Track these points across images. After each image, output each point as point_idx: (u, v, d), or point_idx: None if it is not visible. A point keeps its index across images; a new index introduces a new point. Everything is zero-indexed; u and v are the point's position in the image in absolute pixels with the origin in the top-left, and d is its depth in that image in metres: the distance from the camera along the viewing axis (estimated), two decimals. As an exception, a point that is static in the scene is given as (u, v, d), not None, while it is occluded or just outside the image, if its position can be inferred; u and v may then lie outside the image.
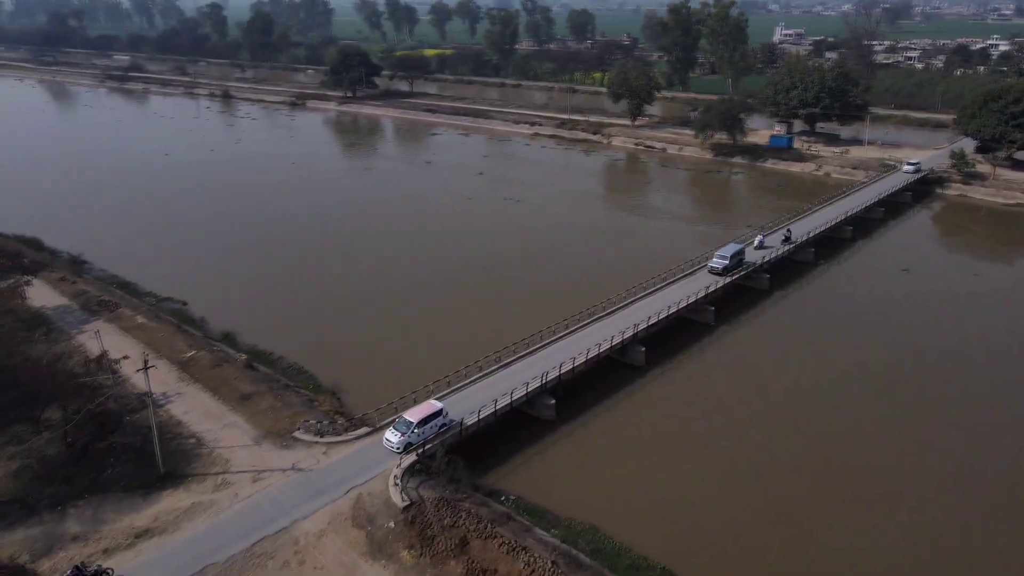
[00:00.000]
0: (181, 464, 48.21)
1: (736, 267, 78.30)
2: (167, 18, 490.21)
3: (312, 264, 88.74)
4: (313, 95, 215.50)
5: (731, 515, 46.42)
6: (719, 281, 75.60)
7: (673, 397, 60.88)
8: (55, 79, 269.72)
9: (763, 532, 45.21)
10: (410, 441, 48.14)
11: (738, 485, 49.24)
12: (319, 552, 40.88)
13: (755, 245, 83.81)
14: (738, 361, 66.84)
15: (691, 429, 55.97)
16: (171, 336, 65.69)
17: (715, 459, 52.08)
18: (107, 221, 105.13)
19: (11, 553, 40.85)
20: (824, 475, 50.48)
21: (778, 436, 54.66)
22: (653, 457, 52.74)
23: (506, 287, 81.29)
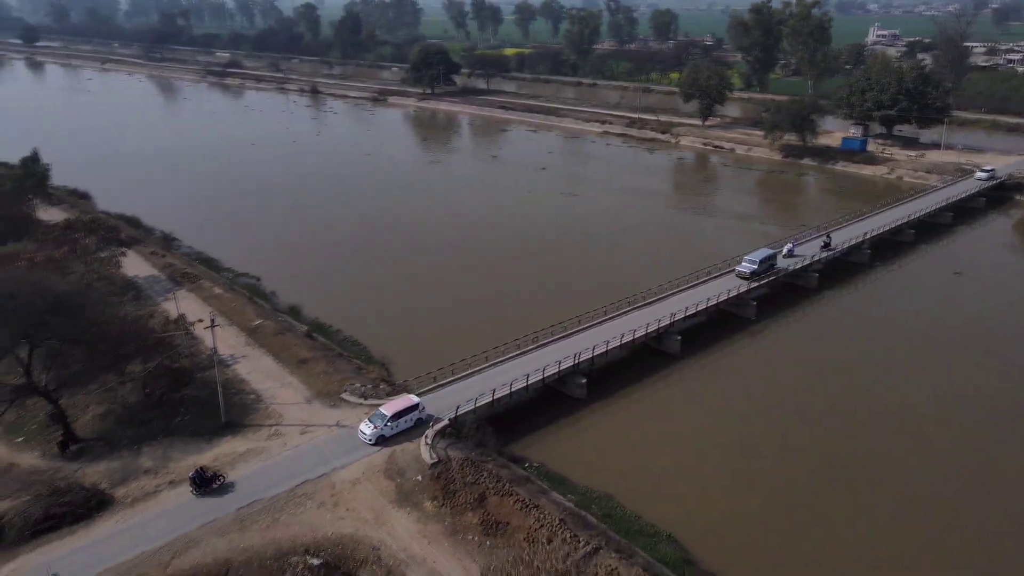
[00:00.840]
0: (241, 415, 53.89)
1: (765, 272, 77.05)
2: (267, 17, 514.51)
3: (374, 247, 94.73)
4: (394, 92, 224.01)
5: (742, 497, 48.27)
6: (744, 284, 75.14)
7: (704, 385, 62.88)
8: (161, 74, 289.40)
9: (769, 513, 47.00)
10: (382, 434, 49.45)
11: (754, 471, 50.95)
12: (352, 497, 45.42)
13: (783, 253, 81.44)
14: (773, 356, 68.04)
15: (716, 416, 57.77)
16: (242, 306, 72.24)
17: (736, 445, 53.76)
18: (197, 203, 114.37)
19: (94, 480, 47.13)
20: (842, 467, 51.56)
21: (800, 429, 55.69)
22: (675, 439, 54.99)
23: (549, 274, 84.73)
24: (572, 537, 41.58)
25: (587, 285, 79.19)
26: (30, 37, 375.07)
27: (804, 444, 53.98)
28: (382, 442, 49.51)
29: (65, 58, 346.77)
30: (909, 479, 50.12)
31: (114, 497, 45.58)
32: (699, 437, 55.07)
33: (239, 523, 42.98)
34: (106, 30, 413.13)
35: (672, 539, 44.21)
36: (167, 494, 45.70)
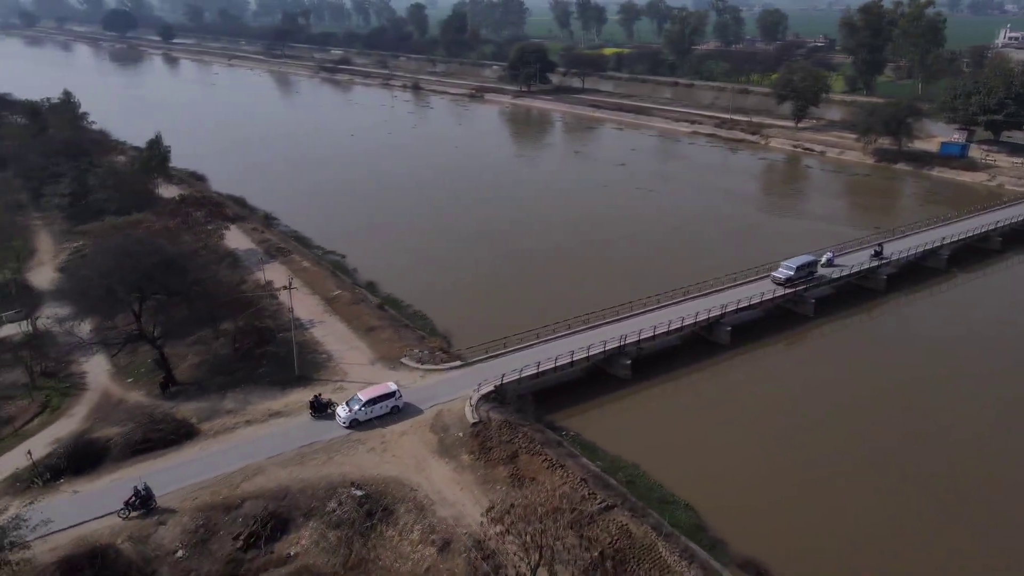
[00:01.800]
0: (312, 371, 60.38)
1: (804, 279, 75.72)
2: (381, 17, 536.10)
3: (449, 230, 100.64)
4: (491, 89, 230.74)
5: (766, 482, 49.86)
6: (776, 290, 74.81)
7: (748, 376, 64.54)
8: (279, 70, 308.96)
9: (788, 499, 48.40)
10: (356, 418, 51.80)
11: (783, 460, 52.24)
12: (399, 446, 50.68)
13: (823, 262, 79.11)
14: (823, 354, 68.76)
15: (755, 406, 59.27)
16: (325, 278, 79.42)
17: (770, 435, 55.16)
18: (296, 187, 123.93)
19: (185, 416, 54.53)
20: (872, 467, 52.23)
21: (836, 428, 56.10)
22: (711, 423, 57.08)
23: (610, 262, 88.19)
24: (590, 494, 45.16)
25: (646, 274, 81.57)
26: (167, 34, 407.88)
27: (837, 441, 54.36)
28: (356, 426, 51.79)
29: (197, 54, 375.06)
30: (939, 483, 50.56)
31: (200, 430, 52.79)
32: (735, 424, 56.92)
33: (299, 459, 49.06)
34: (234, 28, 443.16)
35: (689, 508, 46.91)
36: (242, 431, 52.48)
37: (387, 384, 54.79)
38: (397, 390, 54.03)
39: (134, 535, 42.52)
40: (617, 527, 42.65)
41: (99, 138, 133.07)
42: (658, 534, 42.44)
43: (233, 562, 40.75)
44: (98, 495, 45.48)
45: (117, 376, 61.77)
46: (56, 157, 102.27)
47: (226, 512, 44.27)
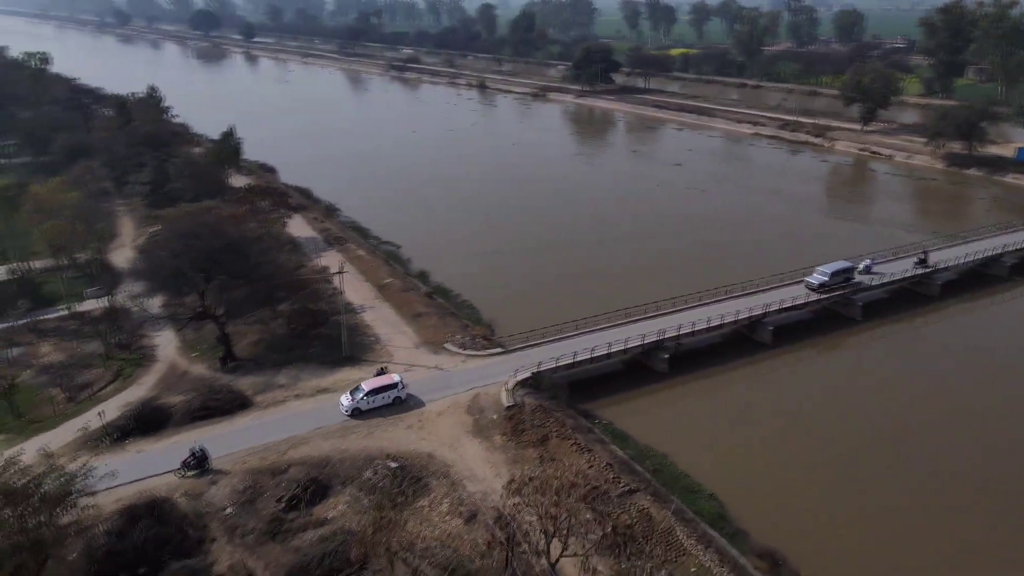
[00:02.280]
0: (360, 352, 63.58)
1: (840, 285, 73.86)
2: (452, 16, 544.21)
3: (501, 223, 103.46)
4: (555, 88, 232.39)
5: (794, 479, 50.23)
6: (806, 296, 73.82)
7: (786, 376, 64.82)
8: (351, 68, 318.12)
9: (814, 497, 48.52)
10: (358, 407, 53.39)
11: (815, 460, 52.23)
12: (435, 424, 53.19)
13: (860, 268, 76.86)
14: (868, 358, 68.02)
15: (792, 406, 59.37)
16: (378, 267, 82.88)
17: (804, 435, 55.20)
18: (358, 179, 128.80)
19: (241, 388, 58.42)
20: (907, 473, 52.00)
21: (873, 433, 55.57)
22: (745, 419, 57.46)
23: (653, 259, 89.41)
24: (614, 478, 46.64)
25: (690, 272, 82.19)
26: (248, 33, 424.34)
27: (871, 447, 53.86)
28: (358, 415, 53.31)
29: (275, 52, 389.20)
30: (974, 495, 49.94)
31: (254, 401, 56.56)
32: (769, 422, 57.11)
33: (342, 432, 52.13)
34: (310, 28, 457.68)
35: (713, 498, 47.77)
36: (292, 404, 55.98)
37: (391, 376, 56.40)
38: (400, 381, 55.43)
39: (189, 492, 46.27)
40: (638, 510, 44.01)
41: (179, 130, 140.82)
42: (678, 519, 43.60)
43: (276, 521, 43.91)
44: (159, 455, 49.51)
45: (183, 350, 66.33)
46: (139, 148, 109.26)
47: (272, 476, 47.60)
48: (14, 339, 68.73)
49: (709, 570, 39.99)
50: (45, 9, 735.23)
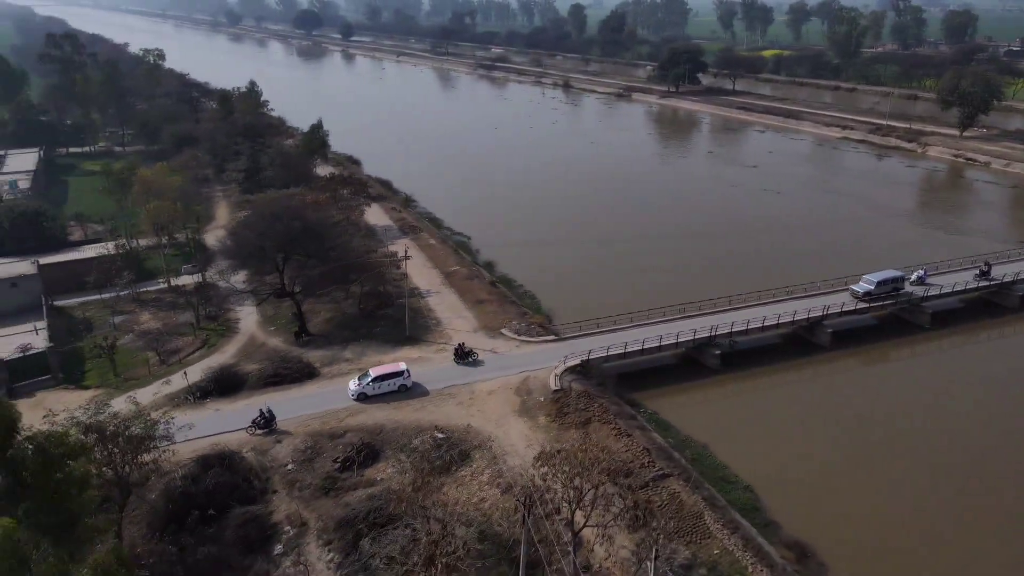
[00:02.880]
0: (421, 333, 67.22)
1: (887, 294, 71.65)
2: (545, 16, 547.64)
3: (572, 218, 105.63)
4: (639, 88, 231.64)
5: (834, 479, 50.29)
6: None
7: (839, 379, 64.42)
8: (441, 66, 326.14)
9: (853, 499, 48.46)
10: (364, 392, 55.64)
11: (858, 464, 51.83)
12: (484, 402, 56.05)
13: (912, 279, 74.64)
14: (931, 367, 66.81)
15: (843, 409, 58.88)
16: (447, 255, 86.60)
17: (850, 438, 54.81)
18: (438, 172, 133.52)
19: (310, 360, 63.02)
20: (956, 485, 51.21)
21: (925, 442, 54.80)
22: (792, 419, 57.64)
23: (715, 257, 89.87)
24: (649, 462, 48.23)
25: (752, 271, 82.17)
26: (347, 32, 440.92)
27: (919, 455, 52.89)
28: (363, 399, 55.59)
29: (370, 51, 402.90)
30: None
31: (320, 372, 61.05)
32: (817, 424, 56.96)
33: (396, 403, 55.71)
34: (405, 27, 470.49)
35: (749, 490, 48.72)
36: (352, 375, 59.92)
37: (398, 364, 58.50)
38: (405, 370, 57.31)
39: (256, 448, 50.85)
40: (669, 493, 45.57)
41: (275, 123, 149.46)
42: (707, 504, 44.83)
43: (330, 479, 47.83)
44: (233, 414, 54.44)
45: (262, 324, 71.78)
46: (237, 138, 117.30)
47: (330, 439, 51.65)
48: (119, 307, 76.05)
49: (732, 553, 41.14)
50: (165, 9, 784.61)
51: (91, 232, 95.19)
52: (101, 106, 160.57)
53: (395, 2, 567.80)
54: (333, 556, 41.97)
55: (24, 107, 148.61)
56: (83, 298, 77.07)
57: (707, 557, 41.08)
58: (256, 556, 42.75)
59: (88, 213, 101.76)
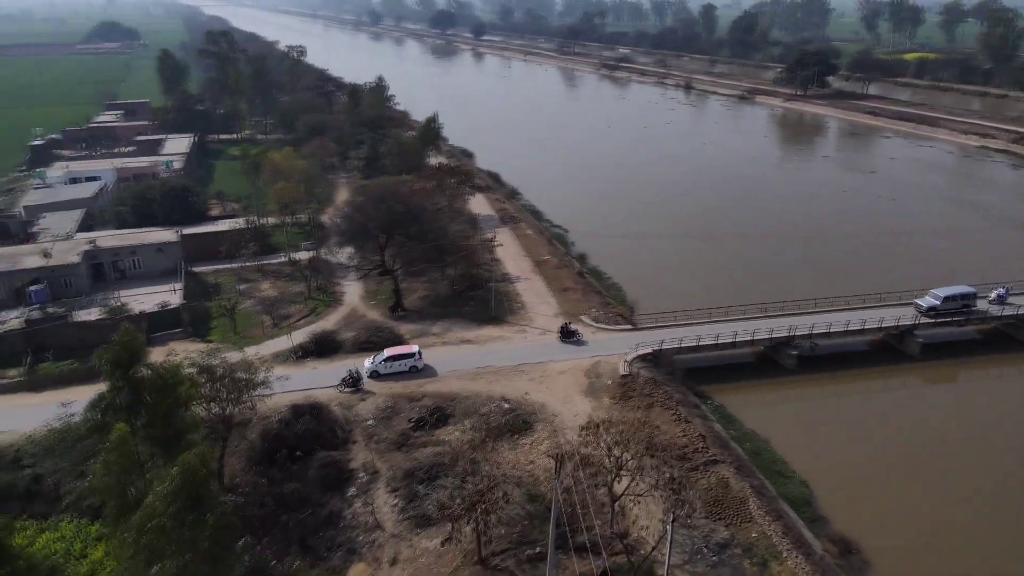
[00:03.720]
0: (505, 315, 71.14)
1: (955, 311, 68.17)
2: (677, 17, 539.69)
3: (672, 214, 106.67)
4: (764, 91, 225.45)
5: (897, 488, 49.64)
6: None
7: (925, 392, 62.56)
8: (566, 66, 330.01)
9: (914, 506, 47.91)
10: (376, 370, 58.96)
11: (925, 477, 50.80)
12: (554, 380, 59.14)
13: (991, 298, 70.66)
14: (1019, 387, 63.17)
15: (921, 422, 57.65)
16: (541, 245, 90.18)
17: (922, 451, 53.67)
18: (546, 166, 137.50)
19: (401, 332, 68.40)
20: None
21: (1001, 465, 52.63)
22: (864, 426, 56.93)
23: (812, 261, 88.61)
24: (703, 447, 49.71)
25: (847, 275, 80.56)
26: (478, 32, 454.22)
27: (997, 477, 50.88)
28: (376, 376, 58.99)
29: (499, 49, 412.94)
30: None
31: (407, 341, 66.15)
32: (891, 432, 55.93)
33: (472, 376, 59.86)
34: (535, 27, 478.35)
35: (804, 485, 49.20)
36: (439, 349, 64.70)
37: (409, 346, 62.02)
38: (417, 352, 60.45)
39: (343, 403, 56.49)
40: (717, 478, 46.97)
41: (398, 116, 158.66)
42: (754, 491, 45.88)
43: (404, 435, 52.60)
44: (327, 372, 60.44)
45: (365, 298, 78.14)
46: (360, 128, 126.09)
47: (408, 401, 56.51)
48: (244, 276, 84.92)
49: (769, 538, 42.16)
50: (316, 9, 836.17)
51: (228, 209, 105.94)
52: (249, 97, 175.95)
53: (528, 2, 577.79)
54: (398, 502, 46.55)
55: (184, 97, 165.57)
56: (215, 266, 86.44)
57: (744, 539, 42.33)
58: (332, 495, 48.04)
59: (227, 192, 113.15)
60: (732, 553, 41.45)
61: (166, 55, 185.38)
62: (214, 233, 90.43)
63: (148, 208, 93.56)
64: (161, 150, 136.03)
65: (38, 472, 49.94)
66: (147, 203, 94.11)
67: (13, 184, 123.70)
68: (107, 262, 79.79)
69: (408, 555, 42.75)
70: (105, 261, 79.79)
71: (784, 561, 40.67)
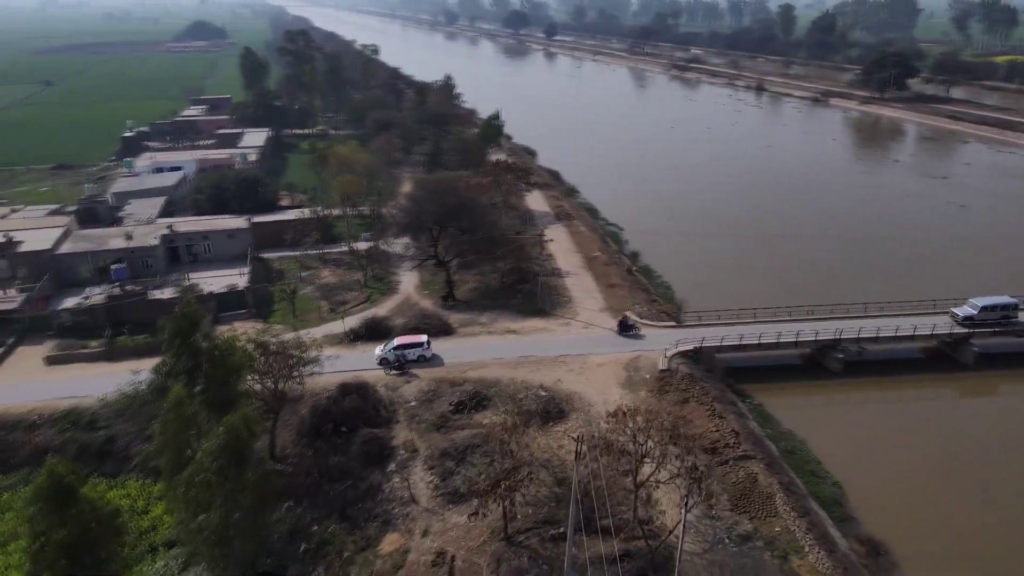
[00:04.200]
0: (551, 308, 72.65)
1: (994, 322, 65.80)
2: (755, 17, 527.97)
3: (728, 214, 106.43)
4: (838, 94, 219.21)
5: (933, 497, 49.03)
6: None
7: (976, 401, 61.10)
8: (635, 66, 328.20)
9: (952, 515, 47.29)
10: (386, 357, 60.81)
11: (964, 486, 49.86)
12: (593, 372, 60.39)
13: None
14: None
15: (965, 429, 56.53)
16: (593, 242, 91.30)
17: (964, 464, 52.38)
18: (607, 165, 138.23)
19: (450, 321, 70.81)
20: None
21: None
22: (904, 430, 56.26)
23: (868, 265, 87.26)
24: (735, 443, 50.16)
25: (905, 281, 78.88)
26: (550, 32, 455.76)
27: None
28: (384, 364, 60.88)
29: (571, 50, 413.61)
30: None
31: (456, 330, 68.63)
32: (936, 441, 55.04)
33: (515, 364, 61.69)
34: (608, 27, 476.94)
35: (837, 486, 49.13)
36: (484, 338, 66.91)
37: (417, 336, 63.64)
38: (426, 341, 62.57)
39: (388, 384, 59.21)
40: (746, 473, 47.43)
41: (463, 113, 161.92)
42: (782, 488, 46.13)
43: (443, 417, 54.89)
44: (375, 355, 63.37)
45: (419, 288, 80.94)
46: (424, 124, 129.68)
47: (450, 386, 58.77)
48: (306, 263, 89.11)
49: (792, 533, 42.48)
50: (393, 9, 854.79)
51: (296, 200, 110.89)
52: (323, 94, 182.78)
53: (602, 2, 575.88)
54: (433, 479, 48.82)
55: (262, 93, 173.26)
56: (281, 253, 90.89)
57: (768, 532, 42.77)
58: (373, 469, 50.70)
59: (297, 184, 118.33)
60: (753, 545, 41.99)
61: (248, 53, 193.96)
62: (281, 222, 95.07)
63: (222, 197, 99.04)
64: (239, 143, 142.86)
65: (111, 434, 54.61)
66: (221, 192, 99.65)
67: (104, 172, 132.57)
68: (182, 246, 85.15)
69: (439, 528, 44.95)
70: (180, 245, 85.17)
71: (805, 556, 40.99)
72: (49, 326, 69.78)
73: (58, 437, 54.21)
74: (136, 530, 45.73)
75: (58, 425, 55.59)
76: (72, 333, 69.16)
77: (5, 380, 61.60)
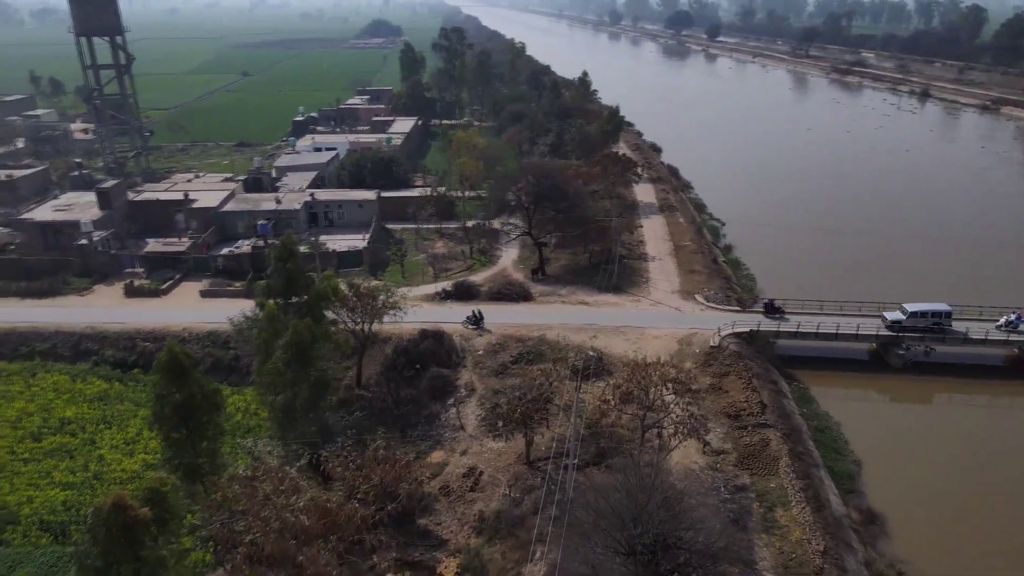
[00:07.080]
0: (625, 286, 77.92)
1: (923, 330, 64.38)
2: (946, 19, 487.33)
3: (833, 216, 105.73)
4: (1013, 101, 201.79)
5: (958, 496, 49.65)
6: None
7: None
8: (794, 68, 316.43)
9: (965, 516, 48.15)
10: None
11: (998, 493, 49.95)
12: (647, 343, 65.33)
13: (999, 323, 65.30)
14: None
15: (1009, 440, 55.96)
16: (687, 233, 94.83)
17: (1001, 473, 52.27)
18: (729, 163, 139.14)
19: (530, 290, 77.83)
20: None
21: None
22: (949, 432, 57.06)
23: (967, 270, 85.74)
24: (758, 412, 53.71)
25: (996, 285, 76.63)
26: (713, 33, 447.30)
27: None
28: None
29: (730, 51, 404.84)
30: None
31: (534, 298, 75.84)
32: (981, 446, 55.01)
33: (577, 329, 67.90)
34: (775, 28, 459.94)
35: (856, 463, 51.47)
36: (558, 306, 73.65)
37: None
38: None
39: (463, 335, 67.54)
40: (760, 438, 51.06)
41: (596, 109, 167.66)
42: (790, 454, 49.39)
43: (503, 366, 62.46)
44: (459, 312, 71.76)
45: (516, 263, 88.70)
46: (550, 117, 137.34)
47: (516, 342, 66.15)
48: (424, 235, 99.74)
49: (785, 490, 45.94)
50: (561, 9, 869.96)
51: (428, 181, 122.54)
52: (471, 87, 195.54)
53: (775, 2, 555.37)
54: (482, 413, 56.53)
55: (414, 85, 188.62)
56: (404, 225, 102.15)
57: (763, 487, 46.50)
58: (436, 402, 59.33)
59: (431, 167, 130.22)
60: (746, 496, 45.96)
61: (408, 48, 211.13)
62: (406, 197, 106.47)
63: (360, 173, 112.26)
64: (389, 129, 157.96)
65: (237, 353, 67.22)
66: (360, 169, 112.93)
67: (275, 151, 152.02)
68: (320, 211, 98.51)
69: (476, 450, 52.70)
70: (319, 211, 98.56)
71: (791, 508, 44.46)
72: (208, 267, 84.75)
73: (200, 351, 67.37)
74: (246, 425, 57.26)
75: (201, 343, 68.93)
76: (223, 274, 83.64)
77: (171, 305, 76.46)
